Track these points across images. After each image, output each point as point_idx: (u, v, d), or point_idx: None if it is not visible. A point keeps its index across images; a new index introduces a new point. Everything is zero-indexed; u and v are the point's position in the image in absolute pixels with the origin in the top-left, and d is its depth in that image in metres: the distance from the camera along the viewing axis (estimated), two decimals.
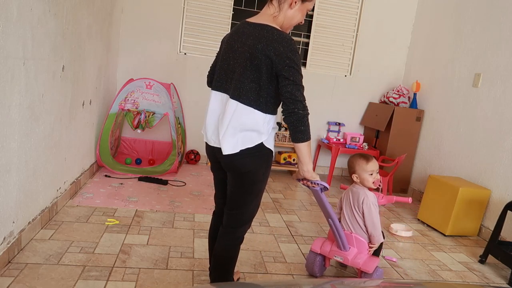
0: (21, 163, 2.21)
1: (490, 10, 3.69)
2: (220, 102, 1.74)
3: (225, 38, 1.80)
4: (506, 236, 3.19)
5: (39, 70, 2.34)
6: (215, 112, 1.76)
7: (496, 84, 3.52)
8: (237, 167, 1.71)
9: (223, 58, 1.75)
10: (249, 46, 1.63)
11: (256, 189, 1.79)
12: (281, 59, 1.60)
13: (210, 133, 1.79)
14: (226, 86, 1.72)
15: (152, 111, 4.06)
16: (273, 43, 1.60)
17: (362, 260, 2.24)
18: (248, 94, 1.65)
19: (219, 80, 1.75)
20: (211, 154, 1.85)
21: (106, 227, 2.74)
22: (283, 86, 1.63)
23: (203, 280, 2.23)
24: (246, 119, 1.66)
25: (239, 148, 1.67)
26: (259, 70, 1.62)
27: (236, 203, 1.81)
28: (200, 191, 3.79)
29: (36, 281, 2.02)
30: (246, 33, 1.67)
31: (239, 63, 1.66)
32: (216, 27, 4.66)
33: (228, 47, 1.73)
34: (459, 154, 3.86)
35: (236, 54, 1.68)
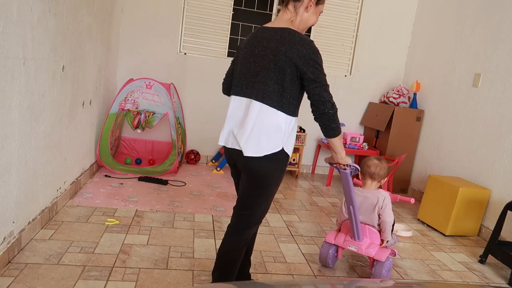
0: (21, 163, 2.21)
1: (490, 10, 3.69)
2: (240, 106, 1.76)
3: (242, 45, 1.83)
4: (506, 236, 3.19)
5: (39, 70, 2.34)
6: (235, 116, 1.78)
7: (496, 84, 3.52)
8: (254, 169, 1.73)
9: (242, 64, 1.77)
10: (272, 49, 1.66)
11: (268, 192, 1.80)
12: (305, 61, 1.64)
13: (227, 135, 1.81)
14: (247, 90, 1.74)
15: (152, 111, 4.06)
16: (295, 45, 1.64)
17: (375, 250, 2.36)
18: (271, 95, 1.68)
19: (239, 85, 1.78)
20: (229, 156, 1.86)
21: (106, 227, 2.74)
22: (310, 89, 1.67)
23: (203, 280, 2.23)
24: (270, 120, 1.69)
25: (263, 153, 1.69)
26: (283, 71, 1.66)
27: (247, 205, 1.82)
28: (200, 191, 3.79)
29: (36, 281, 2.02)
30: (267, 37, 1.70)
31: (262, 66, 1.69)
32: (216, 27, 4.66)
33: (247, 52, 1.76)
34: (459, 154, 3.86)
35: (257, 58, 1.71)
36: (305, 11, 1.76)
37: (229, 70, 1.95)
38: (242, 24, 4.76)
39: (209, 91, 4.75)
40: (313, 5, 1.76)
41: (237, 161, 1.79)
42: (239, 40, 4.79)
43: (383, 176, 2.43)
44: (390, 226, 2.38)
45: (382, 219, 2.37)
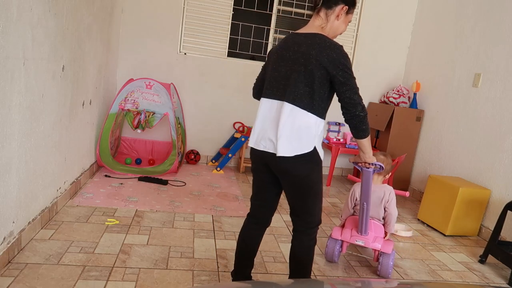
0: (21, 163, 2.21)
1: (490, 10, 3.69)
2: (271, 109, 1.82)
3: (273, 50, 1.89)
4: (506, 236, 3.19)
5: (39, 70, 2.34)
6: (266, 118, 1.83)
7: (496, 84, 3.52)
8: (288, 170, 1.78)
9: (273, 68, 1.83)
10: (303, 53, 1.72)
11: (314, 190, 1.84)
12: (335, 65, 1.69)
13: (259, 138, 1.85)
14: (278, 93, 1.80)
15: (152, 111, 4.06)
16: (326, 49, 1.70)
17: (381, 243, 2.48)
18: (302, 97, 1.73)
19: (270, 88, 1.84)
20: (259, 159, 1.89)
21: (106, 227, 2.74)
22: (341, 92, 1.72)
23: (203, 280, 2.23)
24: (301, 121, 1.74)
25: (294, 153, 1.74)
26: (313, 75, 1.71)
27: (301, 209, 1.87)
28: (200, 191, 3.79)
29: (36, 281, 2.02)
30: (298, 42, 1.76)
31: (293, 69, 1.75)
32: (216, 27, 4.66)
33: (278, 57, 1.82)
34: (459, 154, 3.86)
35: (288, 61, 1.77)
36: (336, 19, 1.81)
37: (259, 76, 2.00)
38: (242, 24, 4.76)
39: (209, 91, 4.75)
40: (344, 14, 1.81)
41: (270, 163, 1.83)
42: (239, 40, 4.79)
43: (388, 171, 2.57)
44: (395, 219, 2.53)
45: (388, 212, 2.51)
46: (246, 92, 4.83)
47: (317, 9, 1.80)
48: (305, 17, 4.87)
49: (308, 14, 4.86)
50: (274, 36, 4.85)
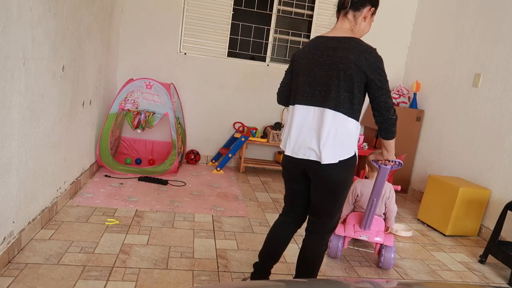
0: (21, 163, 2.21)
1: (490, 10, 3.69)
2: (308, 116, 1.79)
3: (301, 55, 1.85)
4: (506, 236, 3.19)
5: (39, 70, 2.34)
6: (303, 126, 1.80)
7: (496, 84, 3.52)
8: (331, 177, 1.78)
9: (306, 73, 1.79)
10: (340, 57, 1.70)
11: (344, 196, 1.87)
12: (373, 69, 1.70)
13: (297, 146, 1.82)
14: (314, 99, 1.77)
15: (152, 111, 4.06)
16: (363, 53, 1.69)
17: (383, 237, 2.60)
18: (343, 103, 1.72)
19: (305, 94, 1.79)
20: (295, 166, 1.87)
21: (106, 227, 2.74)
22: (377, 96, 1.73)
23: (203, 280, 2.23)
24: (344, 127, 1.74)
25: (338, 159, 1.74)
26: (352, 79, 1.70)
27: (327, 212, 1.88)
28: (200, 191, 3.79)
29: (36, 281, 2.02)
30: (331, 46, 1.74)
31: (330, 75, 1.72)
32: (216, 27, 4.66)
33: (311, 62, 1.78)
34: (459, 154, 3.86)
35: (324, 67, 1.74)
36: (363, 20, 1.83)
37: (285, 81, 1.96)
38: (242, 24, 4.76)
39: (209, 91, 4.75)
40: (370, 15, 1.84)
41: (310, 171, 1.82)
42: (239, 40, 4.79)
43: None
44: (395, 214, 2.65)
45: (388, 208, 2.63)
46: (246, 92, 4.83)
47: (345, 12, 1.78)
48: (305, 17, 4.87)
49: (308, 14, 4.86)
50: (274, 36, 4.85)
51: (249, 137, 4.56)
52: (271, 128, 4.67)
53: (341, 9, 1.79)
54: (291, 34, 4.90)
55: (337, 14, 1.83)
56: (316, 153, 1.76)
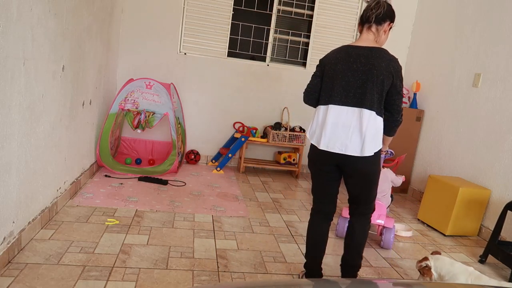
0: (21, 163, 2.21)
1: (490, 10, 3.69)
2: (342, 114, 2.00)
3: (331, 60, 2.06)
4: (506, 236, 3.19)
5: (39, 70, 2.34)
6: (337, 123, 2.01)
7: (496, 84, 3.52)
8: (367, 168, 2.03)
9: (340, 77, 2.01)
10: (373, 65, 1.96)
11: (376, 181, 2.14)
12: (397, 76, 1.98)
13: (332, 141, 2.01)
14: (352, 100, 1.99)
15: (152, 111, 4.06)
16: (391, 62, 1.97)
17: (384, 219, 2.91)
18: (375, 104, 1.97)
19: (339, 95, 2.01)
20: (330, 159, 2.06)
21: (106, 227, 2.74)
22: (394, 100, 2.01)
23: (203, 280, 2.23)
24: (375, 124, 1.98)
25: (373, 151, 1.99)
26: (383, 84, 1.96)
27: (365, 199, 2.15)
28: (200, 191, 3.79)
29: (36, 281, 2.02)
30: (364, 54, 1.99)
31: (364, 79, 1.97)
32: (216, 27, 4.66)
33: (345, 68, 2.01)
34: (459, 154, 3.86)
35: (357, 72, 1.98)
36: (384, 33, 2.08)
37: (315, 83, 2.14)
38: (242, 24, 4.76)
39: (209, 91, 4.76)
40: (388, 29, 2.09)
41: (345, 164, 2.04)
42: (239, 40, 4.79)
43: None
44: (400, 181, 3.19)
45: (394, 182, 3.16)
46: (246, 92, 4.83)
47: (369, 25, 2.04)
48: (305, 17, 4.87)
49: (308, 14, 4.85)
50: (274, 36, 4.85)
51: (249, 137, 4.56)
52: (271, 128, 4.67)
53: (366, 23, 2.05)
54: (291, 34, 4.90)
55: (360, 27, 2.09)
56: (354, 147, 1.98)
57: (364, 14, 2.05)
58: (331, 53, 2.09)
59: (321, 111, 2.06)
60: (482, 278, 1.95)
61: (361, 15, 2.08)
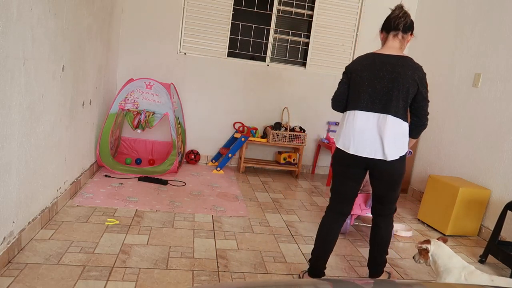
0: (21, 163, 2.21)
1: (490, 10, 3.69)
2: (368, 120, 2.08)
3: (357, 68, 2.14)
4: (506, 236, 3.19)
5: (39, 70, 2.34)
6: (365, 128, 2.09)
7: (496, 84, 3.52)
8: (394, 170, 2.13)
9: (366, 84, 2.09)
10: (399, 73, 2.03)
11: (400, 183, 2.23)
12: (422, 83, 2.07)
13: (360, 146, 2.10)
14: (378, 107, 2.07)
15: (152, 111, 4.06)
16: (416, 70, 2.06)
17: None
18: (401, 110, 2.07)
19: (365, 102, 2.09)
20: (358, 163, 2.15)
21: (106, 227, 2.74)
22: (421, 105, 2.09)
23: (203, 280, 2.23)
24: (402, 130, 2.08)
25: (399, 155, 2.08)
26: (408, 91, 2.04)
27: (390, 200, 2.25)
28: (200, 191, 3.79)
29: (36, 281, 2.02)
30: (390, 62, 2.07)
31: (392, 87, 2.05)
32: (216, 27, 4.66)
33: (371, 75, 2.08)
34: (459, 154, 3.86)
35: (383, 80, 2.06)
36: (406, 42, 2.17)
37: (342, 91, 2.21)
38: (242, 24, 4.76)
39: (209, 91, 4.76)
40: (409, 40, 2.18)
41: (373, 167, 2.13)
42: (239, 40, 4.79)
43: None
44: None
45: None
46: (246, 92, 4.83)
47: (396, 33, 2.12)
48: (305, 17, 4.87)
49: (308, 14, 4.85)
50: (274, 36, 4.85)
51: (249, 137, 4.56)
52: (271, 128, 4.67)
53: (393, 30, 2.11)
54: (291, 34, 4.90)
55: (384, 34, 2.17)
56: (381, 152, 2.07)
57: (392, 22, 2.10)
58: (357, 60, 2.17)
59: (348, 116, 2.15)
60: (475, 273, 1.98)
61: (386, 22, 2.15)
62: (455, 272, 2.01)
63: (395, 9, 2.12)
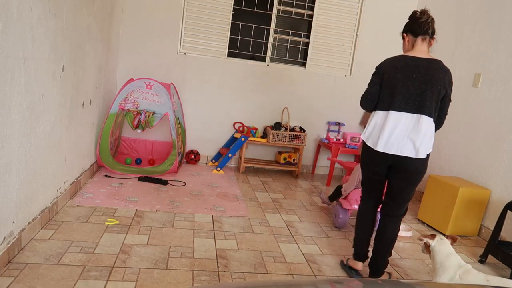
0: (21, 163, 2.21)
1: (490, 10, 3.69)
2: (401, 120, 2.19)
3: (390, 69, 2.23)
4: (506, 236, 3.19)
5: (39, 70, 2.34)
6: (396, 127, 2.19)
7: (496, 84, 3.52)
8: (419, 169, 2.23)
9: (400, 85, 2.19)
10: (432, 75, 2.16)
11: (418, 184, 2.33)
12: (450, 86, 2.22)
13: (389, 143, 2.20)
14: (412, 107, 2.18)
15: (152, 111, 4.06)
16: (447, 73, 2.20)
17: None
18: (433, 111, 2.20)
19: (399, 102, 2.19)
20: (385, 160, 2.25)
21: (106, 227, 2.74)
22: (447, 106, 2.27)
23: (203, 280, 2.23)
24: (431, 130, 2.20)
25: (426, 153, 2.20)
26: (439, 93, 2.18)
27: (407, 197, 2.34)
28: (200, 191, 3.79)
29: (36, 281, 2.02)
30: (422, 65, 2.18)
31: (425, 88, 2.16)
32: (216, 27, 4.66)
33: (405, 77, 2.18)
34: (459, 154, 3.86)
35: (417, 81, 2.17)
36: (431, 45, 2.28)
37: (374, 91, 2.29)
38: (242, 24, 4.76)
39: (209, 91, 4.76)
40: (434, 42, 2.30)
41: (398, 164, 2.23)
42: (239, 40, 4.79)
43: None
44: None
45: None
46: (246, 92, 4.83)
47: (424, 37, 2.22)
48: (305, 17, 4.87)
49: (308, 14, 4.85)
50: (274, 36, 4.85)
51: (249, 137, 4.56)
52: (271, 128, 4.67)
53: (422, 34, 2.21)
54: (291, 34, 4.90)
55: (411, 37, 2.25)
56: (410, 149, 2.18)
57: (422, 27, 2.20)
58: (388, 62, 2.26)
59: (379, 116, 2.25)
60: (471, 272, 1.99)
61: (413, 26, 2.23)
62: (451, 270, 2.01)
63: (422, 14, 2.22)
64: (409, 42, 2.28)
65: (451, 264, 2.03)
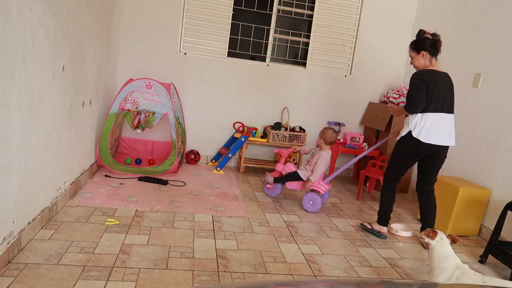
0: (21, 163, 2.21)
1: (490, 10, 3.69)
2: (441, 119, 2.86)
3: (430, 79, 2.83)
4: (506, 236, 3.19)
5: (39, 70, 2.34)
6: (440, 124, 2.85)
7: (496, 84, 3.52)
8: (446, 155, 2.98)
9: (440, 92, 2.84)
10: (449, 85, 2.90)
11: None
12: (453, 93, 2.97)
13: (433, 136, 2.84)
14: (446, 109, 2.87)
15: (152, 111, 4.06)
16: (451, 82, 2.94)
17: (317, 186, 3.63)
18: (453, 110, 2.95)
19: (441, 105, 2.85)
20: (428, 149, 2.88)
21: (106, 227, 2.74)
22: None
23: (203, 280, 2.23)
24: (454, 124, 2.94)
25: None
26: (453, 97, 2.94)
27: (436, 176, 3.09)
28: (200, 191, 3.79)
29: (36, 281, 2.02)
30: (445, 78, 2.89)
31: (450, 94, 2.89)
32: (216, 27, 4.66)
33: (439, 86, 2.84)
34: (459, 154, 3.86)
35: (446, 90, 2.86)
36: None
37: (423, 96, 2.83)
38: (242, 24, 4.76)
39: (209, 91, 4.76)
40: None
41: (436, 151, 2.91)
42: (239, 40, 4.79)
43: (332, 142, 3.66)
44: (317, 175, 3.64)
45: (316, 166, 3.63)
46: (246, 92, 4.83)
47: (436, 55, 2.91)
48: (305, 17, 4.87)
49: (308, 14, 4.86)
50: (274, 36, 4.85)
51: (249, 137, 4.56)
52: (271, 128, 4.67)
53: (436, 54, 2.90)
54: (291, 34, 4.90)
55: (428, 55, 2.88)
56: (453, 140, 2.91)
57: (438, 48, 2.88)
58: (427, 75, 2.83)
59: (428, 116, 2.84)
60: (468, 273, 1.99)
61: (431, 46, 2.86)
62: (448, 272, 2.02)
63: (437, 36, 2.87)
64: (426, 59, 2.87)
65: (449, 265, 2.03)
